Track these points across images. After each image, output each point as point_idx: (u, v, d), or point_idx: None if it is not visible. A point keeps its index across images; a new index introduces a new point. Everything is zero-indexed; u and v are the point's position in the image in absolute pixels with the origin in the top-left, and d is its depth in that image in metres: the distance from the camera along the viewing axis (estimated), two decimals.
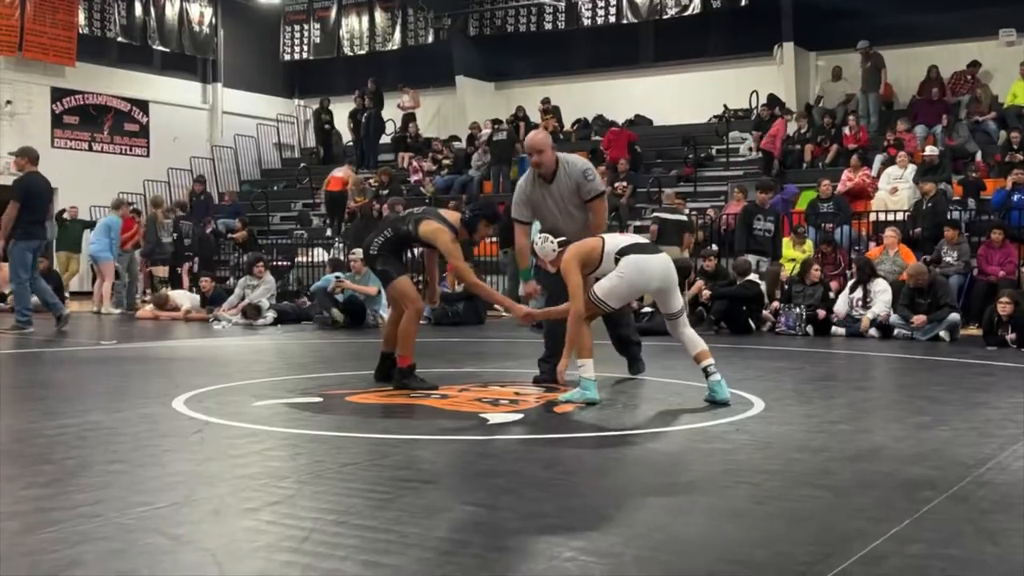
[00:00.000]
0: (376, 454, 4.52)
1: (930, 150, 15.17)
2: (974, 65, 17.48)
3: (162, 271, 17.97)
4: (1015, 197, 13.42)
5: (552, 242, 6.23)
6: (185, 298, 14.92)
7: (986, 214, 13.67)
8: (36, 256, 11.69)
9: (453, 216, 6.81)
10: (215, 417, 5.46)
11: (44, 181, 11.59)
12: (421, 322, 7.43)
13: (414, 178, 20.66)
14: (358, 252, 13.19)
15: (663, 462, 4.60)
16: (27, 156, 11.62)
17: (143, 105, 23.28)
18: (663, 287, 6.16)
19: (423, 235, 6.62)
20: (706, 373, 6.04)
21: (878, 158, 15.95)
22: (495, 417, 5.52)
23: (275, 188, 23.53)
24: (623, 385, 7.03)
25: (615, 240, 6.26)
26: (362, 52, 24.44)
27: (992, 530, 3.37)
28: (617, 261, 6.03)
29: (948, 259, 12.47)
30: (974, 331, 11.23)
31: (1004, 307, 10.10)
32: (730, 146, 18.99)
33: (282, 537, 3.20)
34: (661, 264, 6.14)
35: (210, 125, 24.65)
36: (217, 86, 24.73)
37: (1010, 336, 9.97)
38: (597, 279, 6.16)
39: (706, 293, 12.10)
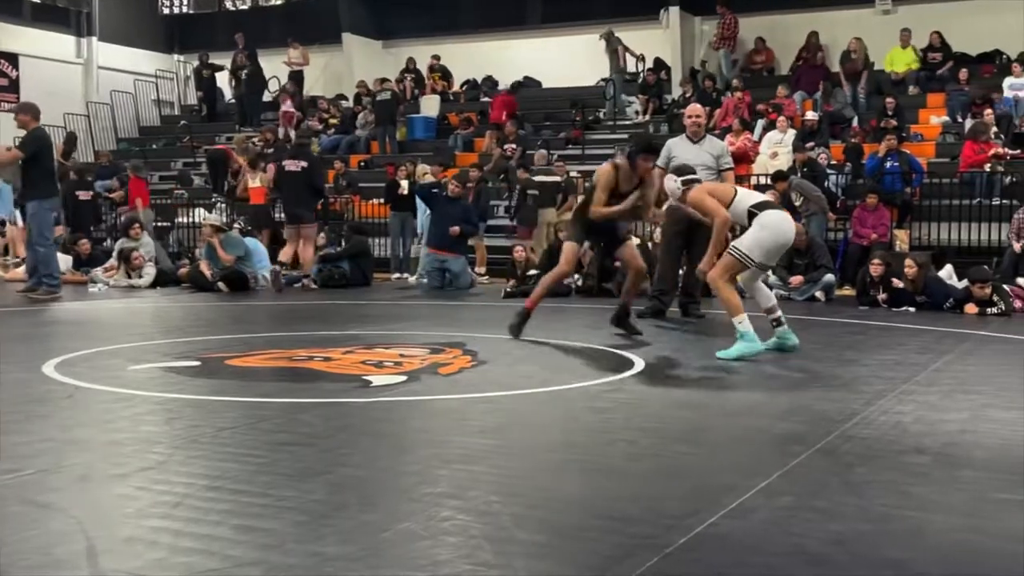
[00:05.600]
0: (254, 418, 4.46)
1: (810, 115, 15.56)
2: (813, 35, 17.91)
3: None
4: (887, 164, 13.84)
5: (676, 181, 6.83)
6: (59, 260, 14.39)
7: (861, 179, 14.08)
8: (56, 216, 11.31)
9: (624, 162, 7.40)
10: (87, 382, 5.30)
11: (49, 137, 11.15)
12: (314, 286, 11.68)
13: (290, 131, 19.95)
14: (211, 217, 12.90)
15: (542, 422, 4.65)
16: (30, 112, 11.06)
17: (12, 58, 22.21)
18: (788, 244, 6.73)
19: (595, 180, 7.28)
20: (777, 323, 6.71)
21: (759, 123, 16.27)
22: (378, 379, 5.50)
23: (154, 147, 22.81)
24: (512, 346, 7.06)
25: (749, 194, 6.83)
26: (244, 7, 23.82)
27: (855, 482, 3.51)
28: (751, 215, 6.49)
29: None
30: (848, 292, 11.61)
31: (876, 268, 10.47)
32: (617, 109, 19.13)
33: (153, 503, 3.13)
34: (791, 222, 6.74)
35: (84, 81, 23.67)
36: (92, 40, 23.71)
37: (882, 296, 10.34)
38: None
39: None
